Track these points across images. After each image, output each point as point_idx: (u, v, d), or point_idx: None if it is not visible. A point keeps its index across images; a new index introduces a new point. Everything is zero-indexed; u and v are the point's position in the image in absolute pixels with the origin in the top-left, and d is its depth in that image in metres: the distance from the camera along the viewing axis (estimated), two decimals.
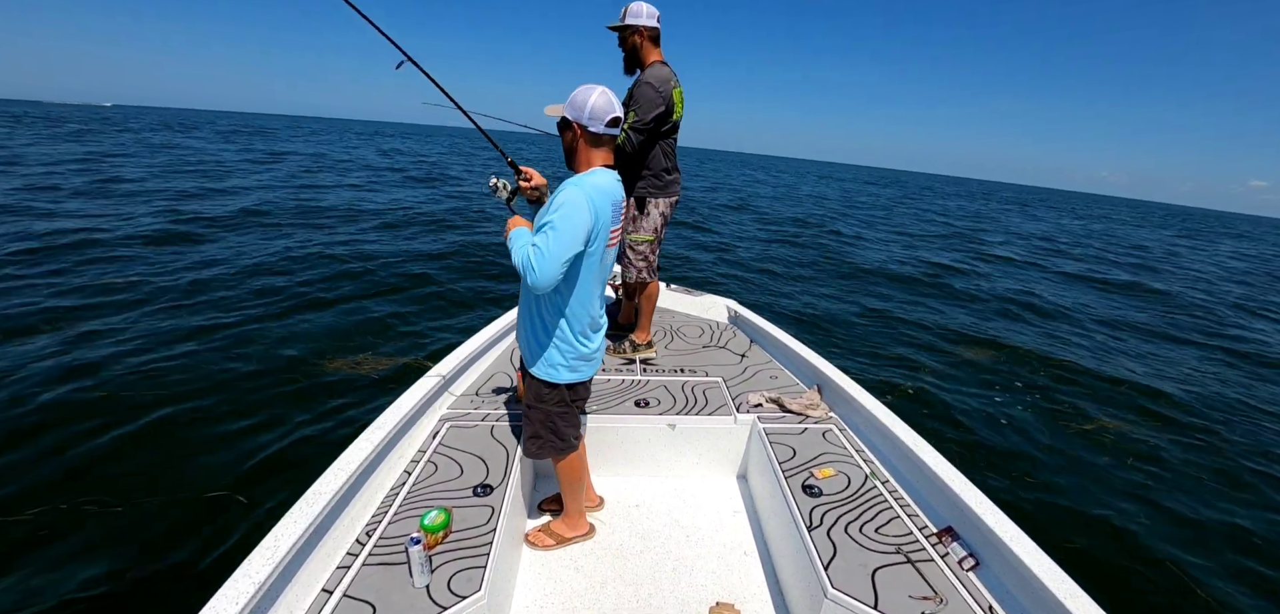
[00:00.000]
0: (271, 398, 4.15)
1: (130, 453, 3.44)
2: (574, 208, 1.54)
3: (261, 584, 1.39)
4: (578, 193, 1.57)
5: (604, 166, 1.70)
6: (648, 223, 2.96)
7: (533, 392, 1.91)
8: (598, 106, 1.61)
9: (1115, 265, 15.23)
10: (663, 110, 2.65)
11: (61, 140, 24.77)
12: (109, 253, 7.52)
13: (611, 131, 1.66)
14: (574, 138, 1.68)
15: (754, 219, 17.55)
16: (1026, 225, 26.15)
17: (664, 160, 2.87)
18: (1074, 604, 1.44)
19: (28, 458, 3.30)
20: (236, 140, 35.51)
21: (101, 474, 3.24)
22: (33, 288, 5.99)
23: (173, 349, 4.82)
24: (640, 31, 2.66)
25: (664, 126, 2.75)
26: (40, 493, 3.03)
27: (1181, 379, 6.18)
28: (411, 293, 7.04)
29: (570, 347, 1.80)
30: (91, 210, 10.19)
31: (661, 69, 2.67)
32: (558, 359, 1.81)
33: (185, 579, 2.57)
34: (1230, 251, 24.74)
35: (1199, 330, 8.66)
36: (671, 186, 2.94)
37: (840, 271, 10.51)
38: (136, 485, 3.15)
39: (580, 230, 1.55)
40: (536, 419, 1.94)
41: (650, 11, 2.65)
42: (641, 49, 2.69)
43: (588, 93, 1.62)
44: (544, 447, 1.96)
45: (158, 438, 3.61)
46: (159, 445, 3.54)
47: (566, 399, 1.91)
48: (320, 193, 14.95)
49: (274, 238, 9.26)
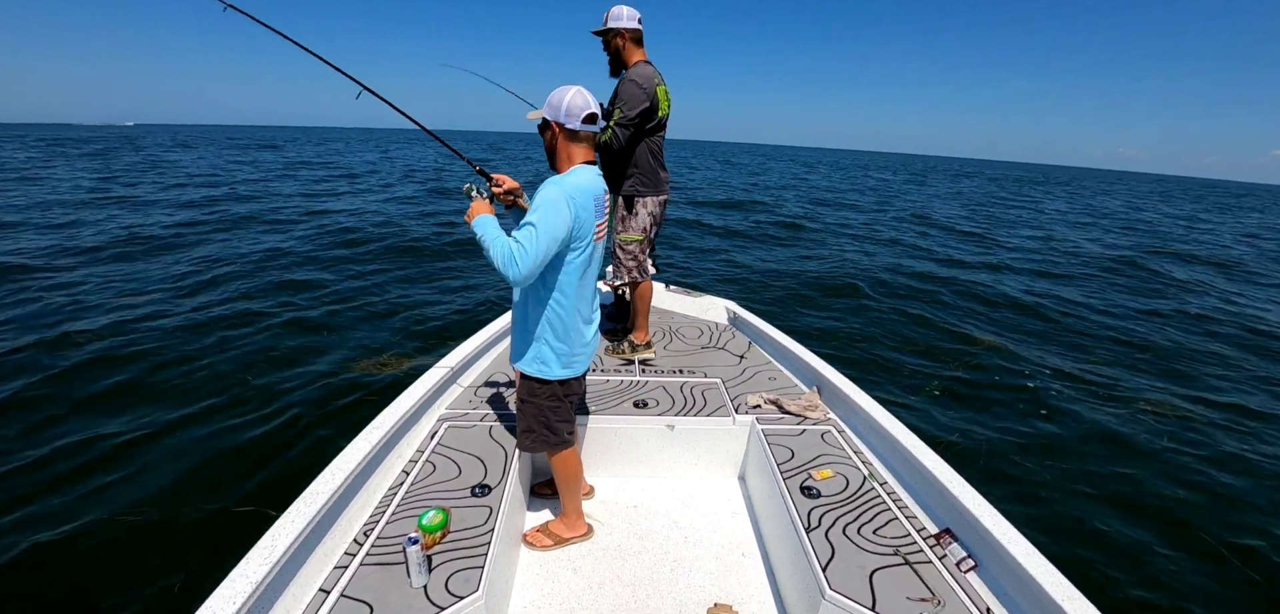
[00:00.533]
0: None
1: (132, 449, 3.44)
2: (553, 207, 1.60)
3: (259, 584, 1.38)
4: (556, 191, 1.62)
5: (585, 163, 1.75)
6: (636, 222, 2.98)
7: (525, 387, 1.93)
8: (573, 104, 1.67)
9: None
10: (648, 105, 2.72)
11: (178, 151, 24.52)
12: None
13: (588, 128, 1.72)
14: (553, 137, 1.74)
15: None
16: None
17: (652, 159, 2.91)
18: (1071, 606, 1.44)
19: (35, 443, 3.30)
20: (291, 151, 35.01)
21: (103, 473, 3.23)
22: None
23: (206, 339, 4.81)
24: (622, 34, 2.75)
25: (649, 123, 2.81)
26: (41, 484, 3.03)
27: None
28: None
29: (560, 342, 1.82)
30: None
31: (645, 68, 2.75)
32: (548, 354, 1.84)
33: (184, 578, 2.58)
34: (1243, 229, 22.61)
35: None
36: (660, 185, 2.98)
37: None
38: (138, 484, 3.15)
39: (559, 228, 1.60)
40: (529, 413, 1.96)
41: (631, 14, 2.74)
42: (625, 50, 2.79)
43: (563, 93, 1.68)
44: (537, 441, 1.98)
45: (157, 438, 3.61)
46: (159, 445, 3.54)
47: (558, 394, 1.92)
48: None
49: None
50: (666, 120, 2.92)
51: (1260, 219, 28.16)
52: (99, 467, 3.29)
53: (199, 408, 3.96)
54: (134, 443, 3.51)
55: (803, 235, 13.13)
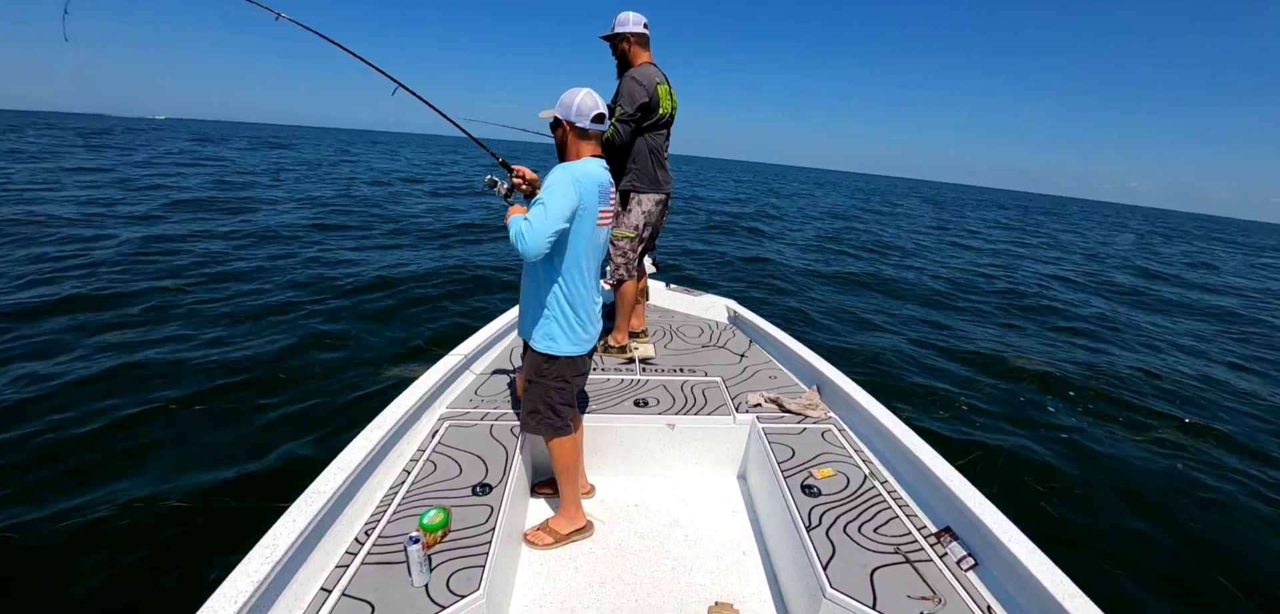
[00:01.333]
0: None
1: (136, 447, 3.45)
2: (560, 186, 1.73)
3: (260, 583, 1.38)
4: (564, 174, 1.76)
5: (592, 157, 1.88)
6: (629, 219, 3.02)
7: (533, 366, 2.01)
8: (583, 105, 1.81)
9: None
10: (647, 101, 2.79)
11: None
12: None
13: (597, 127, 1.86)
14: (564, 134, 1.87)
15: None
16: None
17: (651, 158, 2.96)
18: (1072, 604, 1.44)
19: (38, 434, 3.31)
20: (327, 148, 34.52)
21: (105, 473, 3.24)
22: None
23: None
24: (628, 38, 2.87)
25: (648, 120, 2.87)
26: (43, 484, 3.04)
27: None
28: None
29: (567, 319, 1.92)
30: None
31: (648, 69, 2.84)
32: (557, 331, 1.93)
33: (184, 578, 2.58)
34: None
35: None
36: (657, 184, 3.01)
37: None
38: (138, 483, 3.16)
39: (566, 205, 1.72)
40: (535, 394, 2.02)
41: (637, 19, 2.86)
42: (630, 53, 2.89)
43: (574, 94, 1.82)
44: (541, 423, 2.03)
45: (162, 435, 3.61)
46: (164, 442, 3.54)
47: (565, 374, 1.99)
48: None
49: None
50: (669, 120, 2.97)
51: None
52: (92, 455, 3.30)
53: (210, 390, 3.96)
54: (145, 430, 3.53)
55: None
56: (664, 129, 2.97)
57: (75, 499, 3.00)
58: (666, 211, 3.21)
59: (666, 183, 3.04)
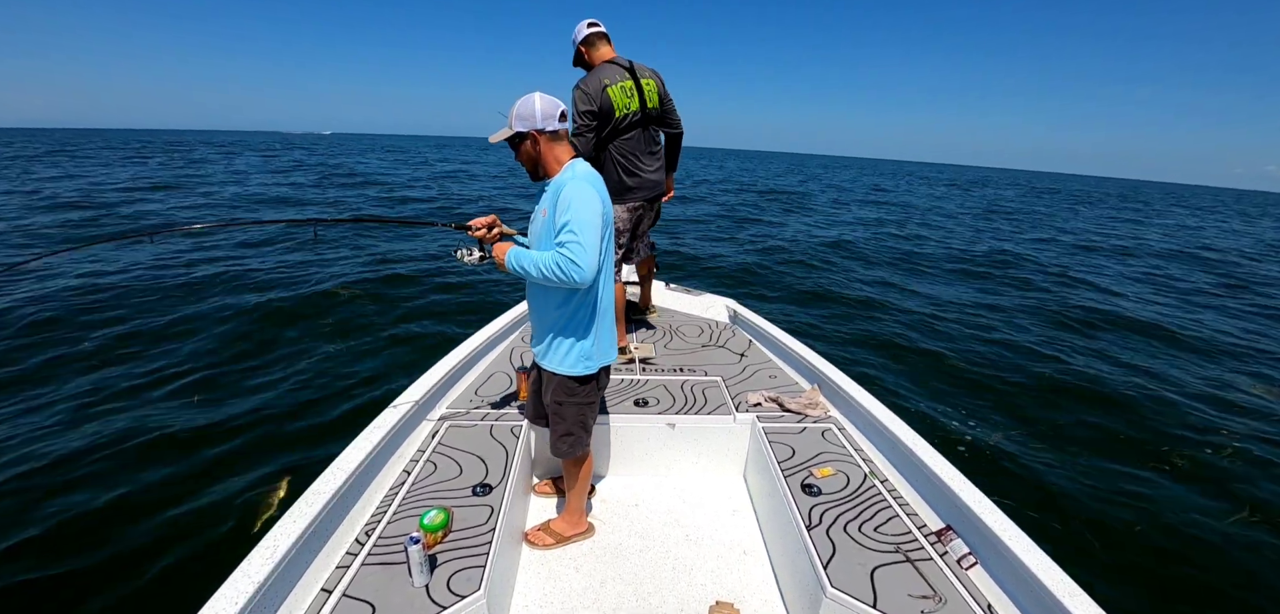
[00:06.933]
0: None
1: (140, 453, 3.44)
2: (585, 198, 1.61)
3: (261, 584, 1.39)
4: (575, 184, 1.63)
5: (573, 159, 1.77)
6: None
7: (563, 389, 1.89)
8: (545, 108, 1.69)
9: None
10: (591, 109, 2.66)
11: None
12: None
13: (563, 124, 1.74)
14: (535, 144, 1.73)
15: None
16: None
17: (618, 165, 2.82)
18: (1073, 602, 1.44)
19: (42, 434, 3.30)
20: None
21: (105, 471, 3.23)
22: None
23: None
24: (580, 47, 2.80)
25: (606, 128, 2.74)
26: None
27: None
28: None
29: (600, 330, 1.84)
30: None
31: (599, 71, 2.70)
32: (591, 348, 1.84)
33: (184, 578, 2.58)
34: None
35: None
36: (625, 193, 2.86)
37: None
38: (139, 482, 3.16)
39: (597, 214, 1.63)
40: (570, 417, 1.93)
41: (584, 24, 2.77)
42: (589, 57, 2.80)
43: (531, 101, 1.69)
44: (576, 443, 1.97)
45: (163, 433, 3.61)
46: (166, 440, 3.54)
47: (594, 390, 1.94)
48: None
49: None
50: (636, 118, 2.77)
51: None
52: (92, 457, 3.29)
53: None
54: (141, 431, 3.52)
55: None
56: (634, 130, 2.79)
57: (75, 498, 3.01)
58: (654, 209, 3.09)
59: (641, 187, 2.89)
